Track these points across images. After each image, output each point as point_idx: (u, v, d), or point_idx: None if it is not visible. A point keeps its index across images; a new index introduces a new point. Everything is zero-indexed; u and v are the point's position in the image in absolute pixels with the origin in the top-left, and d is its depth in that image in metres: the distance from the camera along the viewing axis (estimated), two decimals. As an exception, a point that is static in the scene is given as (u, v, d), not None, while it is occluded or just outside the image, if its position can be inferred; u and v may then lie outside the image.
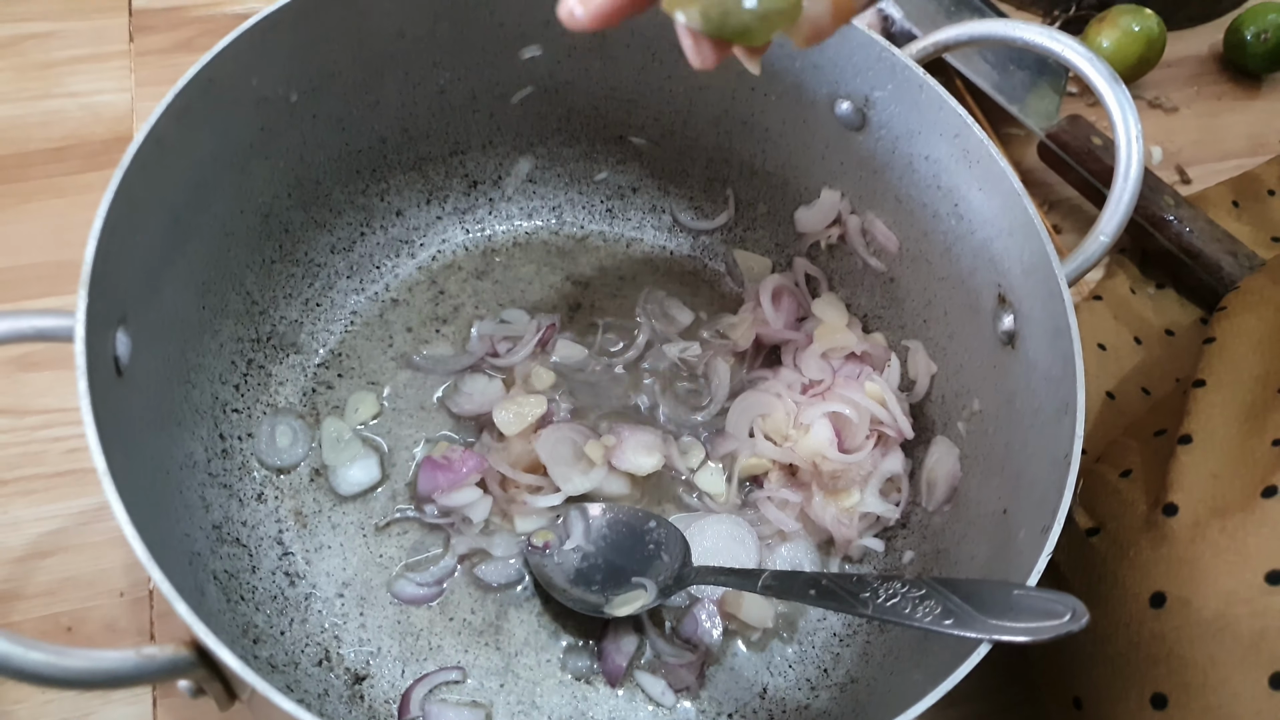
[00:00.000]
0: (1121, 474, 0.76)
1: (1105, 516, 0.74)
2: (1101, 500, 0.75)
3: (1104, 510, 0.74)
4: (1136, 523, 0.71)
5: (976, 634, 0.56)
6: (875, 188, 0.84)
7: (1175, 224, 1.01)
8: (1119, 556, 0.70)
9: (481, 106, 0.90)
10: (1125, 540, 0.71)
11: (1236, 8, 1.28)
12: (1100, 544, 0.72)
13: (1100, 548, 0.72)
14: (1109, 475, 0.77)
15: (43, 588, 0.78)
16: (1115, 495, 0.74)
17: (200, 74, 0.68)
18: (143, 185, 0.64)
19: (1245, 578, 0.63)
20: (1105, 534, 0.73)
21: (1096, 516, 0.75)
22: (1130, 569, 0.69)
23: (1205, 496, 0.68)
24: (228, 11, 1.11)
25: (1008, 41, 0.76)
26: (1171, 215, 1.01)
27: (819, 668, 0.80)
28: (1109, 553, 0.71)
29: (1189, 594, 0.65)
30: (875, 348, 0.88)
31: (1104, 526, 0.73)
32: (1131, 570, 0.69)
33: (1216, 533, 0.65)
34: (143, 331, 0.66)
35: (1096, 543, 0.73)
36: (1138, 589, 0.68)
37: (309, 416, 0.85)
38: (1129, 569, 0.69)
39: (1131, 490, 0.74)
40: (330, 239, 0.89)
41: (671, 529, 0.81)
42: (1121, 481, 0.75)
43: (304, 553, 0.80)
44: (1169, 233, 1.01)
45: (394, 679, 0.77)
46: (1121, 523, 0.72)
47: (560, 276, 0.96)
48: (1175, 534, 0.67)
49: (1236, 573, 0.63)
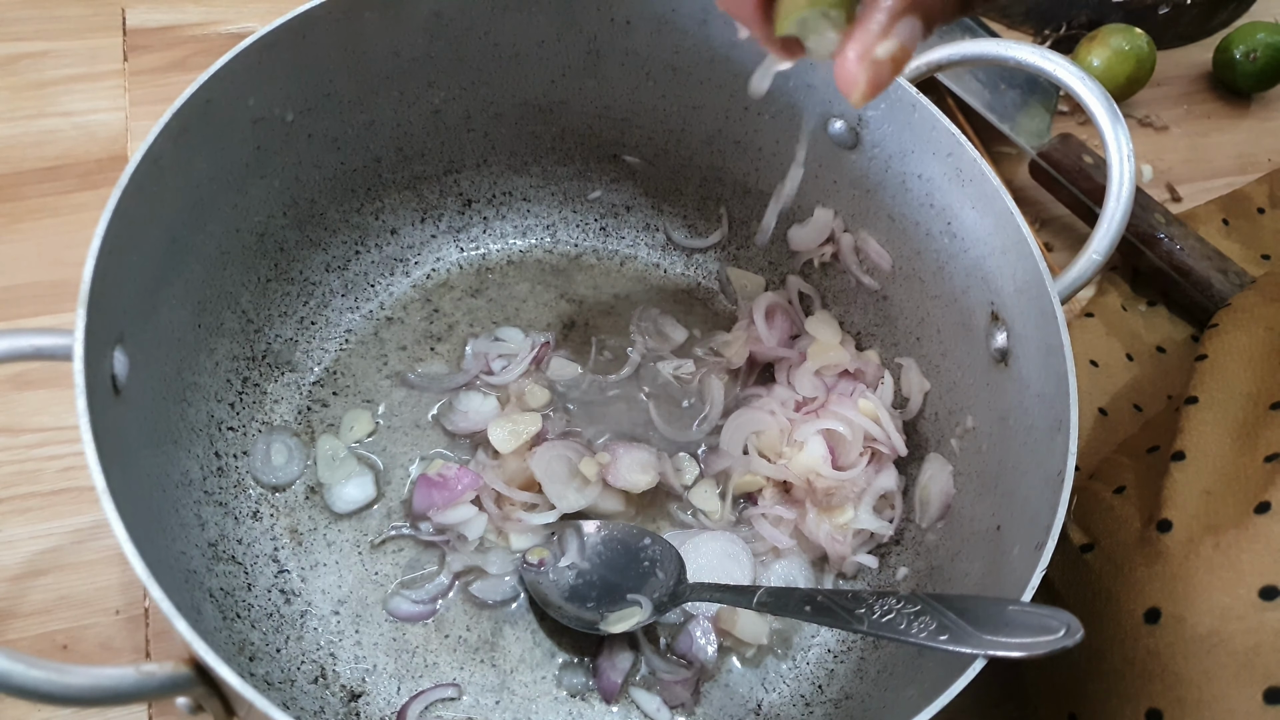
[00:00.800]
0: (1115, 490, 0.77)
1: (1099, 533, 0.74)
2: (1095, 517, 0.76)
3: (1098, 527, 0.75)
4: (1131, 539, 0.71)
5: (971, 649, 0.57)
6: (868, 206, 0.85)
7: (1166, 242, 1.01)
8: (1113, 573, 0.71)
9: (476, 126, 0.90)
10: (1119, 557, 0.71)
11: (1226, 27, 1.30)
12: (1094, 560, 0.73)
13: (1095, 564, 0.73)
14: (1102, 492, 0.77)
15: (38, 606, 0.78)
16: (1109, 512, 0.75)
17: (198, 94, 0.68)
18: (140, 205, 0.64)
19: (1239, 594, 0.63)
20: (1099, 550, 0.73)
21: (1091, 533, 0.75)
22: (1125, 585, 0.69)
23: (1199, 513, 0.69)
24: (222, 31, 1.11)
25: (1000, 61, 0.77)
26: (1162, 233, 1.01)
27: (813, 684, 0.81)
28: (1103, 569, 0.72)
29: (1183, 610, 0.65)
30: (868, 365, 0.89)
31: (1098, 543, 0.74)
32: (1126, 587, 0.69)
33: (1210, 549, 0.66)
34: (140, 350, 0.66)
35: (1091, 559, 0.73)
36: (1132, 605, 0.68)
37: (304, 434, 0.86)
38: (1123, 585, 0.69)
39: (1125, 507, 0.74)
40: (325, 258, 0.90)
41: (666, 546, 0.81)
42: (1115, 498, 0.76)
43: (299, 570, 0.80)
44: (1160, 250, 1.01)
45: (389, 696, 0.77)
46: (1115, 539, 0.72)
47: (554, 294, 0.96)
48: (1169, 550, 0.68)
49: (1230, 589, 0.64)
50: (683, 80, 0.87)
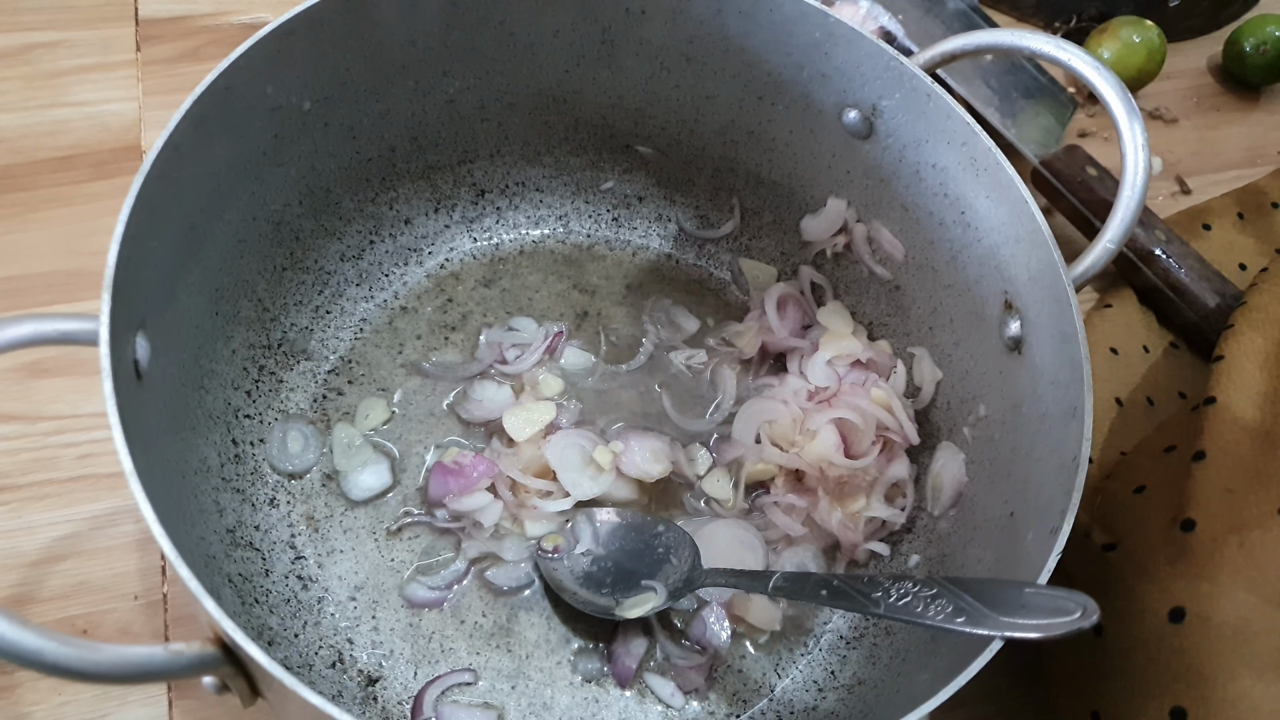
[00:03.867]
0: (1135, 490, 0.77)
1: (1122, 533, 0.74)
2: (1117, 517, 0.76)
3: (1120, 527, 0.75)
4: (1154, 539, 0.72)
5: (989, 631, 0.57)
6: (882, 196, 0.85)
7: (1164, 259, 1.01)
8: (1137, 572, 0.71)
9: (490, 116, 0.91)
10: (1143, 556, 0.71)
11: (1236, 20, 1.30)
12: (1117, 560, 0.73)
13: (1117, 563, 0.73)
14: (1121, 492, 0.78)
15: (57, 591, 0.79)
16: (1130, 512, 0.75)
17: (217, 82, 0.68)
18: (161, 192, 0.64)
19: (1264, 593, 0.64)
20: (1122, 549, 0.73)
21: (1113, 533, 0.75)
22: (1149, 584, 0.70)
23: (1221, 512, 0.69)
24: (234, 21, 1.12)
25: (1014, 50, 0.77)
26: (1160, 249, 1.01)
27: (826, 670, 0.81)
28: (1126, 568, 0.72)
29: (1208, 609, 0.65)
30: (880, 355, 0.89)
31: (1121, 542, 0.74)
32: (1150, 586, 0.70)
33: (1234, 549, 0.66)
34: (160, 337, 0.66)
35: (1113, 558, 0.73)
36: (1156, 604, 0.68)
37: (320, 422, 0.86)
38: (1147, 584, 0.70)
39: (1146, 507, 0.75)
40: (340, 247, 0.90)
41: (680, 532, 0.81)
42: (1135, 498, 0.76)
43: (316, 557, 0.81)
44: (1157, 267, 1.01)
45: (406, 681, 0.77)
46: (1138, 539, 0.73)
47: (567, 284, 0.96)
48: (1193, 550, 0.68)
49: (1255, 589, 0.64)
50: (697, 70, 0.87)
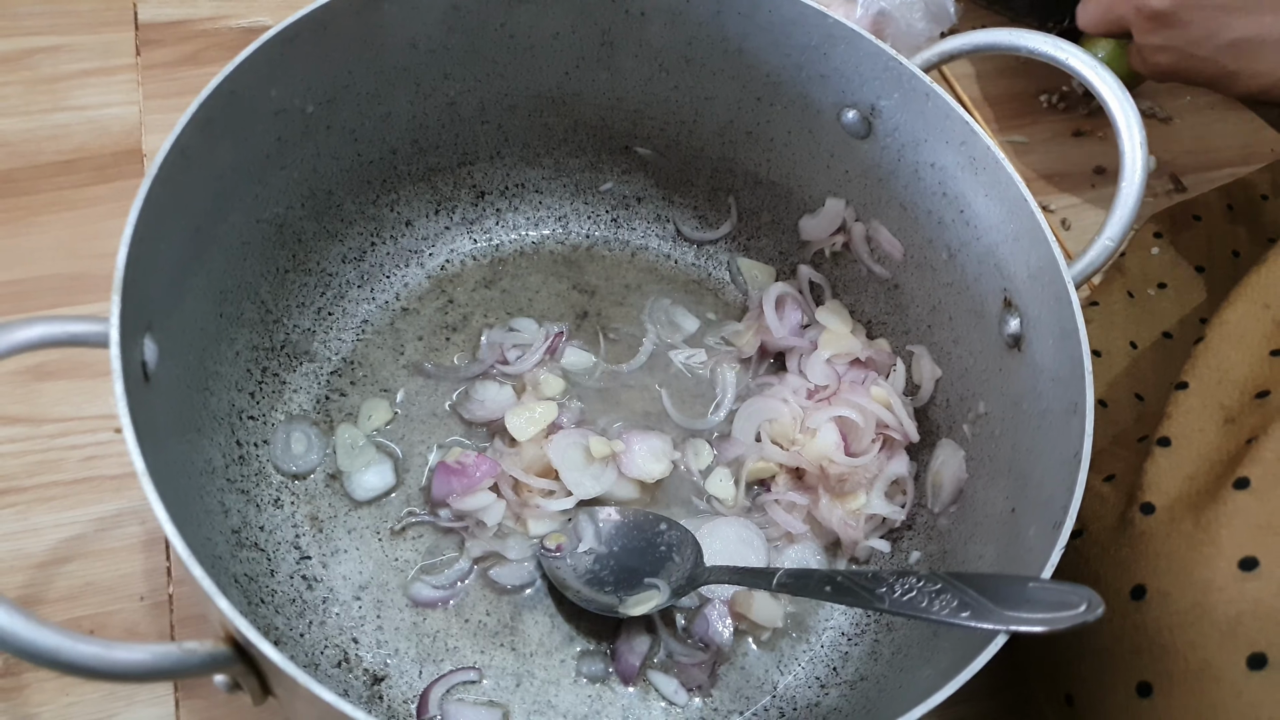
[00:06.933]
0: (1105, 479, 0.78)
1: (1088, 519, 0.75)
2: (1085, 505, 0.77)
3: (1086, 514, 0.76)
4: (1116, 523, 0.72)
5: (994, 625, 0.57)
6: (880, 196, 0.86)
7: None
8: (1100, 556, 0.72)
9: (490, 118, 0.91)
10: (1106, 540, 0.72)
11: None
12: (1083, 546, 0.74)
13: (1083, 549, 0.74)
14: (1093, 481, 0.78)
15: (64, 593, 0.79)
16: (1098, 499, 0.76)
17: (222, 85, 0.69)
18: (168, 194, 0.65)
19: (1220, 566, 0.64)
20: (1088, 536, 0.74)
21: (1080, 520, 0.76)
22: (1111, 566, 0.71)
23: (1181, 495, 0.70)
24: (234, 25, 1.12)
25: (1012, 50, 0.77)
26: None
27: (828, 666, 0.81)
28: (1091, 553, 0.73)
29: (1167, 585, 0.66)
30: (880, 353, 0.90)
31: (1086, 529, 0.75)
32: (1112, 567, 0.70)
33: (1191, 526, 0.67)
34: (166, 339, 0.66)
35: (1080, 545, 0.74)
36: (1119, 584, 0.69)
37: (323, 423, 0.86)
38: (1110, 566, 0.71)
39: (1114, 494, 0.75)
40: (342, 249, 0.90)
41: (683, 530, 0.82)
42: (1104, 486, 0.77)
43: (321, 557, 0.81)
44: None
45: (411, 680, 0.77)
46: (1103, 524, 0.74)
47: (567, 285, 0.97)
48: (1152, 530, 0.69)
49: (1212, 563, 0.65)
50: (696, 71, 0.87)
